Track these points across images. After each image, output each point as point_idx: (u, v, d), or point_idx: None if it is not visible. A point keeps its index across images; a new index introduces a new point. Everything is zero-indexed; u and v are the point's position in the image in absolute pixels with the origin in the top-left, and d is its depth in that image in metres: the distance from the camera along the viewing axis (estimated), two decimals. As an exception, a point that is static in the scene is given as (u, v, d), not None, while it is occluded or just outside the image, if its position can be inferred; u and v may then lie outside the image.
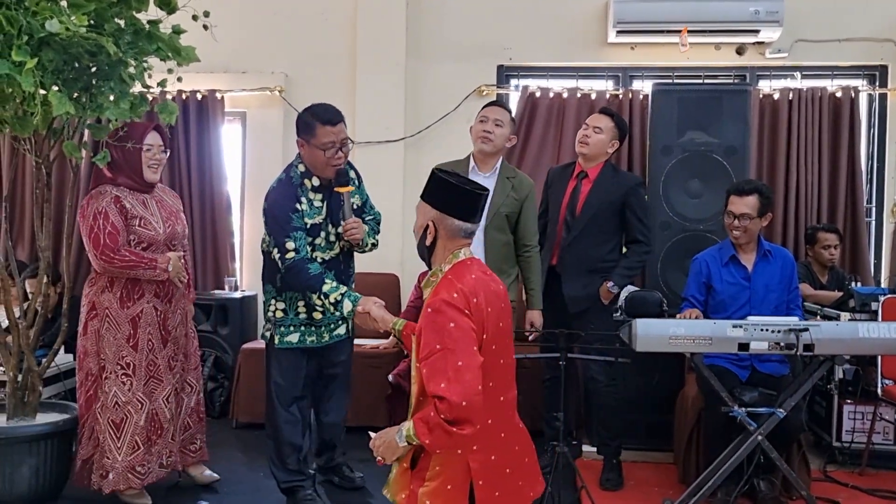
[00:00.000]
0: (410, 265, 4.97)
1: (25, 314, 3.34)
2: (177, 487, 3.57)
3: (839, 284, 4.55)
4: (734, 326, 2.95)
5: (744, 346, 2.95)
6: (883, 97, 5.07)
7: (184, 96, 5.13)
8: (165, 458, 3.34)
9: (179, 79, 3.10)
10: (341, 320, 3.29)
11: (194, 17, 3.02)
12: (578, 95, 5.03)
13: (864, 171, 4.99)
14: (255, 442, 4.22)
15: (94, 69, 2.93)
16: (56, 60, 2.74)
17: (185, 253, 3.50)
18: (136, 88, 3.08)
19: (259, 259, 3.37)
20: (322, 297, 2.96)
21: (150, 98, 3.18)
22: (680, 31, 4.78)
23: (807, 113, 4.88)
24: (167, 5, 3.00)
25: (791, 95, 4.90)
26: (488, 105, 3.70)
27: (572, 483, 3.39)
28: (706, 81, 4.97)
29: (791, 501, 3.36)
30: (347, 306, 2.86)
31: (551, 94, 5.06)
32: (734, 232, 3.47)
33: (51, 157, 3.27)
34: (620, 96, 5.01)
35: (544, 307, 3.65)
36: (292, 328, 3.25)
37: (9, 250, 3.40)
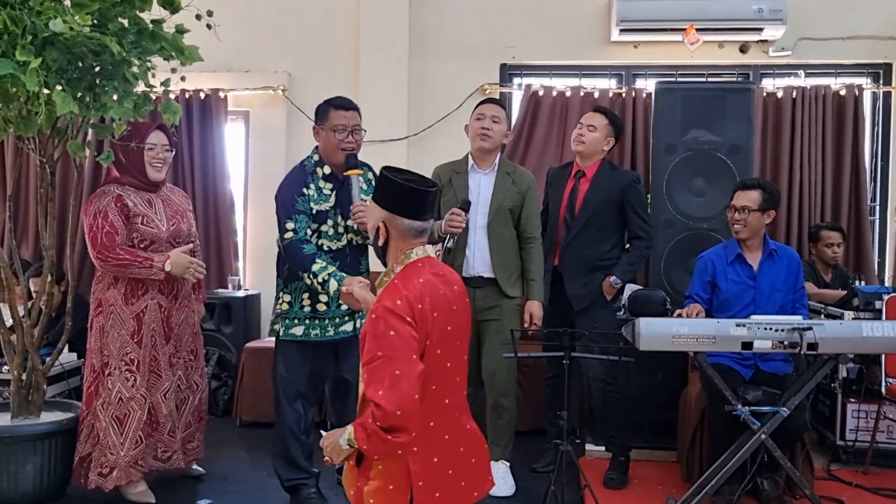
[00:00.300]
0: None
1: (29, 313, 3.36)
2: (178, 487, 3.58)
3: (843, 283, 4.55)
4: (738, 325, 2.94)
5: (747, 345, 2.94)
6: (887, 95, 5.06)
7: (187, 95, 5.14)
8: (160, 451, 3.38)
9: (183, 78, 3.12)
10: (347, 316, 3.30)
11: (198, 17, 3.02)
12: (581, 94, 5.03)
13: (867, 170, 4.98)
14: (258, 440, 4.23)
15: (97, 69, 2.94)
16: (60, 60, 2.75)
17: (196, 249, 3.51)
18: (140, 88, 3.08)
19: (262, 257, 3.38)
20: (311, 276, 3.01)
21: (154, 97, 3.18)
22: (683, 29, 4.77)
23: (810, 111, 4.87)
24: (170, 5, 3.00)
25: (795, 94, 4.90)
26: (483, 102, 3.69)
27: (576, 481, 3.39)
28: (709, 80, 4.97)
29: (795, 500, 3.36)
30: (333, 286, 2.93)
31: (554, 93, 5.06)
32: (735, 226, 3.47)
33: (55, 157, 3.28)
34: (623, 95, 5.01)
35: (548, 308, 3.65)
36: (297, 321, 3.27)
37: (13, 249, 3.41)
